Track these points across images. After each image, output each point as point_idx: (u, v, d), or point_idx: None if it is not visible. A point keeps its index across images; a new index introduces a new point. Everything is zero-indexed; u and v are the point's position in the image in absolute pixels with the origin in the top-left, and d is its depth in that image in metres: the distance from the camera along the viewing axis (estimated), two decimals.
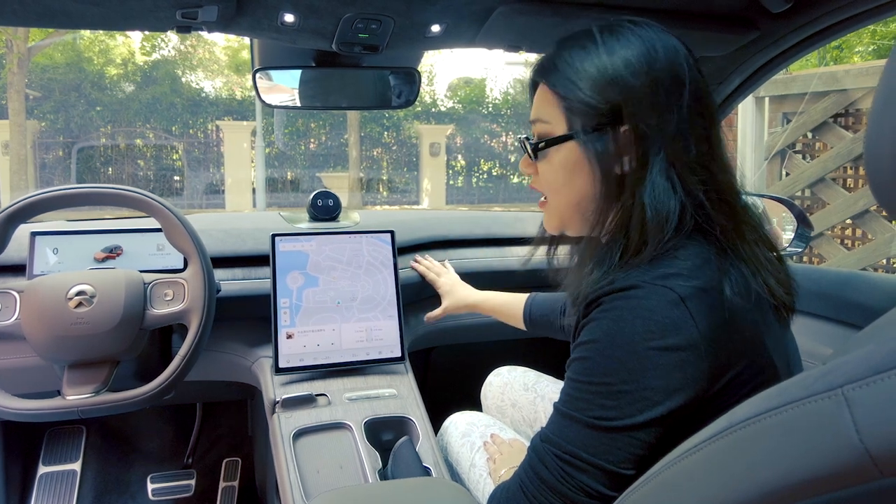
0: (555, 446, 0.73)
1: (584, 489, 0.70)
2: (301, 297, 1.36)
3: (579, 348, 0.74)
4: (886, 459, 0.33)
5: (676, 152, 0.75)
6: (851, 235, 4.25)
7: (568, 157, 0.80)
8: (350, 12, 1.07)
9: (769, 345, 0.75)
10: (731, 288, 0.71)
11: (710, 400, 0.70)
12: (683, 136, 0.75)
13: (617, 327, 0.70)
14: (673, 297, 0.69)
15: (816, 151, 4.21)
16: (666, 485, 0.49)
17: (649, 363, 0.68)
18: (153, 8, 1.00)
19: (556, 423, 0.75)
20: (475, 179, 14.27)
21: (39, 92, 12.09)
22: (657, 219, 0.73)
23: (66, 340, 1.13)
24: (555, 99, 0.80)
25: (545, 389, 1.35)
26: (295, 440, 1.15)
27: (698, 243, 0.74)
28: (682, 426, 0.69)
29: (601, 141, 0.77)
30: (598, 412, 0.70)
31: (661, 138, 0.74)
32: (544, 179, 0.85)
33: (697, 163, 0.75)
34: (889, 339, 0.37)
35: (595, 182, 0.78)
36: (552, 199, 0.85)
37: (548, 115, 0.82)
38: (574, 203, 0.82)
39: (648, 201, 0.74)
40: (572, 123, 0.78)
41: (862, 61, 6.48)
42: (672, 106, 0.75)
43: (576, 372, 0.74)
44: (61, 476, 1.91)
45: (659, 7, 1.12)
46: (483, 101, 14.32)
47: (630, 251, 0.75)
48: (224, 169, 12.06)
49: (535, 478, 0.74)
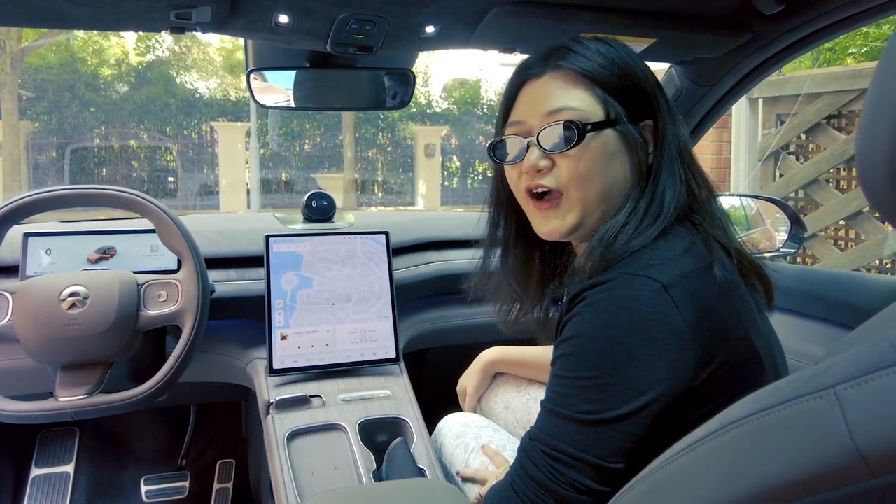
0: (542, 443, 0.73)
1: (573, 485, 0.70)
2: (295, 298, 1.35)
3: (563, 344, 0.74)
4: (878, 459, 0.33)
5: (679, 145, 0.83)
6: (845, 236, 4.26)
7: (606, 144, 0.80)
8: (344, 13, 1.07)
9: (752, 332, 0.76)
10: (720, 269, 0.74)
11: (696, 390, 0.71)
12: (678, 131, 0.84)
13: (600, 320, 0.70)
14: (656, 286, 0.69)
15: (810, 153, 4.23)
16: (659, 485, 0.49)
17: (634, 354, 0.68)
18: (147, 9, 0.99)
19: (544, 421, 0.75)
20: (470, 181, 14.27)
21: (33, 92, 12.03)
22: (670, 205, 0.78)
23: (59, 342, 1.13)
24: (586, 84, 0.81)
25: (538, 391, 1.35)
26: (289, 441, 1.15)
27: (682, 230, 0.78)
28: (669, 418, 0.70)
29: (637, 129, 0.82)
30: (584, 406, 0.70)
31: (671, 131, 0.83)
32: (570, 170, 0.80)
33: (688, 156, 0.84)
34: (880, 339, 0.37)
35: (627, 170, 0.82)
36: (576, 191, 0.81)
37: (579, 102, 0.80)
38: (605, 191, 0.81)
39: (663, 189, 0.80)
40: (611, 110, 0.80)
41: (855, 63, 6.51)
42: (667, 104, 0.85)
43: (561, 368, 0.74)
44: (54, 478, 1.90)
45: (651, 9, 1.13)
46: (478, 102, 14.33)
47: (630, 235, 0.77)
48: (218, 170, 12.02)
49: (524, 476, 0.74)
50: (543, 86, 0.83)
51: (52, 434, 1.97)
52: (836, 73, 3.98)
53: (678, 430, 0.51)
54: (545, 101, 0.82)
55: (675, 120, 0.84)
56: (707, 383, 0.71)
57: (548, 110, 0.81)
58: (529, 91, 0.85)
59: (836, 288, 1.33)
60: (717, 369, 0.71)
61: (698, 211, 0.81)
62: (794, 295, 1.36)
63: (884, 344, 0.36)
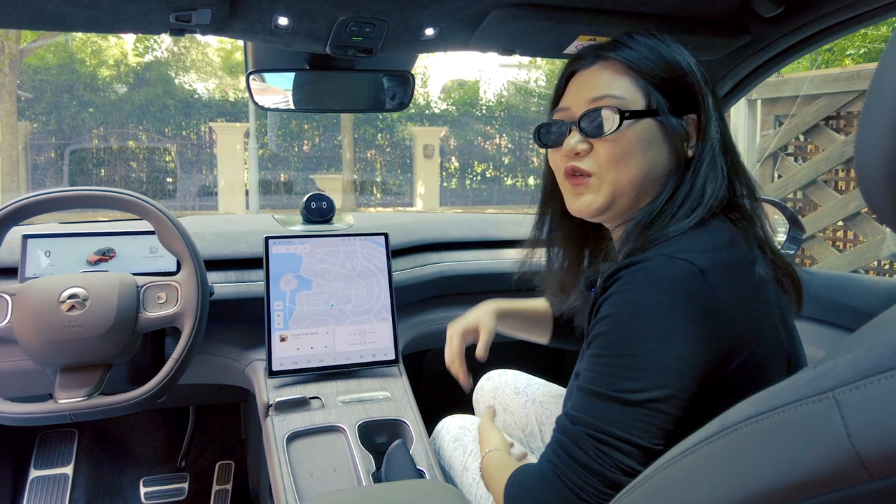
0: (588, 426, 0.72)
1: (620, 467, 0.70)
2: (294, 299, 1.35)
3: (601, 323, 0.74)
4: (876, 462, 0.34)
5: (724, 141, 0.86)
6: (843, 237, 4.26)
7: (645, 132, 0.83)
8: (344, 15, 1.07)
9: (782, 331, 0.78)
10: (761, 266, 0.76)
11: (729, 376, 0.72)
12: (721, 128, 0.86)
13: (638, 298, 0.71)
14: (692, 269, 0.70)
15: (808, 154, 4.23)
16: (659, 487, 0.49)
17: (671, 332, 0.69)
18: (146, 11, 0.99)
19: (585, 403, 0.74)
20: (469, 181, 14.28)
21: (31, 93, 12.03)
22: (710, 198, 0.80)
23: (59, 344, 1.13)
24: (631, 75, 0.84)
25: (536, 393, 1.35)
26: (288, 443, 1.15)
27: (721, 224, 0.79)
28: (704, 401, 0.70)
29: (679, 122, 0.85)
30: (626, 384, 0.70)
31: (715, 127, 0.85)
32: (606, 153, 0.84)
33: (731, 153, 0.86)
34: (879, 342, 0.37)
35: (666, 159, 0.84)
36: (610, 173, 0.84)
37: (621, 91, 0.84)
38: (640, 177, 0.84)
39: (703, 181, 0.82)
40: (653, 100, 0.83)
41: (853, 64, 6.51)
42: (717, 102, 0.87)
43: (599, 347, 0.74)
44: (53, 480, 1.90)
45: (651, 12, 1.13)
46: (477, 103, 14.34)
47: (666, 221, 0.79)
48: (217, 171, 12.02)
49: (569, 460, 0.73)
50: (591, 75, 0.87)
51: (51, 436, 1.97)
52: (834, 74, 3.98)
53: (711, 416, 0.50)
54: (590, 89, 0.86)
55: (721, 117, 0.87)
56: (738, 372, 0.72)
57: (591, 97, 0.85)
58: (578, 80, 0.89)
59: (835, 289, 1.33)
60: (747, 359, 0.72)
61: (738, 209, 0.83)
62: None
63: (883, 347, 0.36)
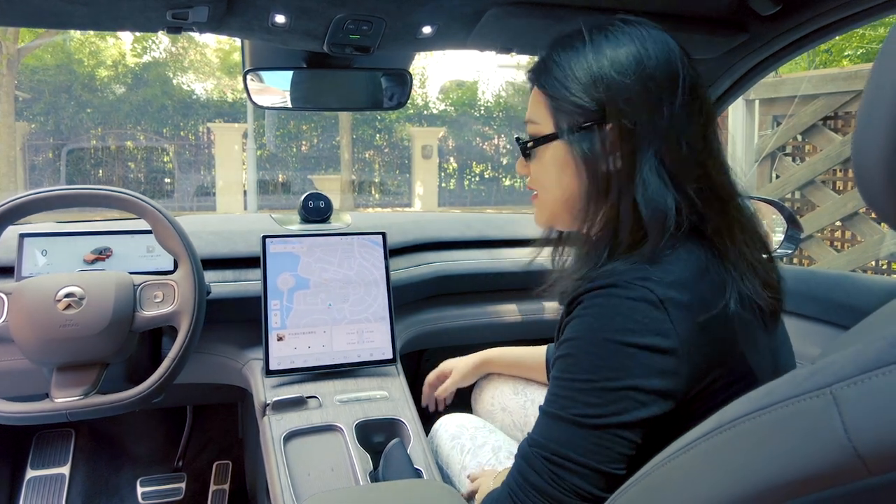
0: (543, 448, 0.72)
1: (576, 492, 0.69)
2: (292, 298, 1.35)
3: (563, 346, 0.74)
4: (874, 458, 0.33)
5: (668, 150, 0.74)
6: (841, 237, 4.28)
7: (556, 156, 0.81)
8: (341, 13, 1.06)
9: (749, 354, 0.74)
10: (732, 295, 0.71)
11: (692, 400, 0.70)
12: (676, 134, 0.74)
13: (599, 323, 0.70)
14: (653, 298, 0.69)
15: (806, 154, 4.24)
16: (656, 485, 0.49)
17: (633, 361, 0.68)
18: (143, 8, 0.99)
19: (543, 425, 0.74)
20: (467, 182, 14.28)
21: (29, 93, 12.01)
22: (655, 216, 0.72)
23: (55, 343, 1.12)
24: (544, 99, 0.82)
25: (535, 393, 1.35)
26: (286, 442, 1.15)
27: (692, 248, 0.74)
28: (666, 426, 0.69)
29: (587, 139, 0.77)
30: (582, 409, 0.70)
31: (652, 136, 0.74)
32: (535, 178, 0.87)
33: (692, 160, 0.75)
34: (876, 338, 0.37)
35: (582, 180, 0.79)
36: (542, 195, 0.87)
37: (538, 116, 0.83)
38: (563, 200, 0.83)
39: (641, 199, 0.74)
40: (559, 123, 0.80)
41: (851, 65, 6.52)
42: (663, 104, 0.74)
43: (559, 370, 0.74)
44: (50, 480, 1.89)
45: (648, 10, 1.13)
46: (475, 103, 14.34)
47: (619, 249, 0.75)
48: (215, 171, 12.01)
49: (524, 483, 0.73)
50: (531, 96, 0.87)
51: (47, 435, 1.96)
52: (832, 74, 3.99)
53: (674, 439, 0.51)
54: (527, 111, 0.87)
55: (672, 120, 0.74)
56: (701, 396, 0.71)
57: (525, 120, 0.87)
58: None
59: (833, 288, 1.33)
60: (711, 383, 0.71)
61: (706, 222, 0.75)
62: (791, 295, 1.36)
63: (881, 342, 0.36)
